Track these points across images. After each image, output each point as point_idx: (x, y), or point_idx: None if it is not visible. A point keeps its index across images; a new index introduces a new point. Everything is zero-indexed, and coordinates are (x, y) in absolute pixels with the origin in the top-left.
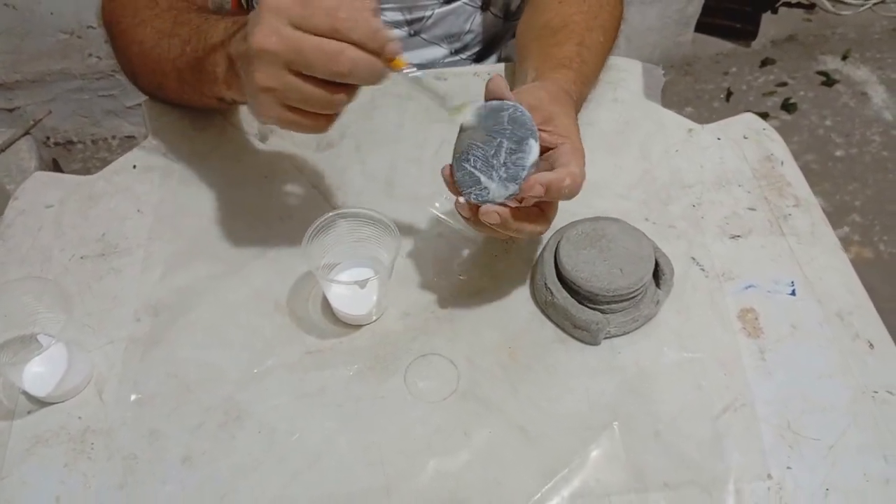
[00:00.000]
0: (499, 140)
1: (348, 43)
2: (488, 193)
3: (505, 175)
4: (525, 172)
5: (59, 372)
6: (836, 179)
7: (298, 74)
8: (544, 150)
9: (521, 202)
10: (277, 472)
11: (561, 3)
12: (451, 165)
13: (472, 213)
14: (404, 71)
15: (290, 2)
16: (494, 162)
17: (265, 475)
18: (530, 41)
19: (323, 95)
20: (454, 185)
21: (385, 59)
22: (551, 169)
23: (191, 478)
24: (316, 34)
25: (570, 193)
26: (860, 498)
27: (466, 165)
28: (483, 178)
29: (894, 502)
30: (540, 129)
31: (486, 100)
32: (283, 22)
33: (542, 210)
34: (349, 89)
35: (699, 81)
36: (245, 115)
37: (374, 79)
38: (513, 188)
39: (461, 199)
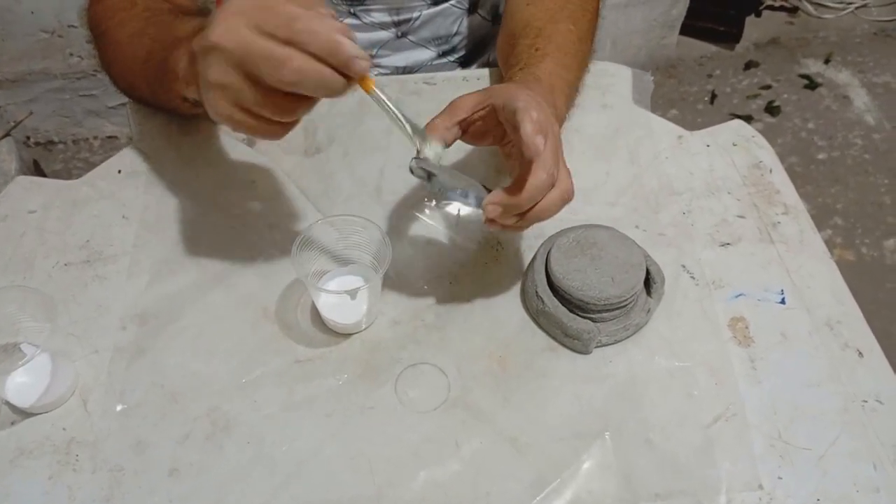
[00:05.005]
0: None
1: (305, 53)
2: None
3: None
4: None
5: (44, 382)
6: (819, 182)
7: (250, 77)
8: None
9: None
10: (266, 484)
11: (528, 4)
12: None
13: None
14: (374, 91)
15: (249, 4)
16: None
17: (253, 486)
18: (503, 54)
19: (272, 102)
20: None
21: (349, 76)
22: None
23: (178, 489)
24: (273, 40)
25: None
26: None
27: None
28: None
29: None
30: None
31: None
32: (242, 23)
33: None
34: (303, 99)
35: (683, 84)
36: None
37: (328, 92)
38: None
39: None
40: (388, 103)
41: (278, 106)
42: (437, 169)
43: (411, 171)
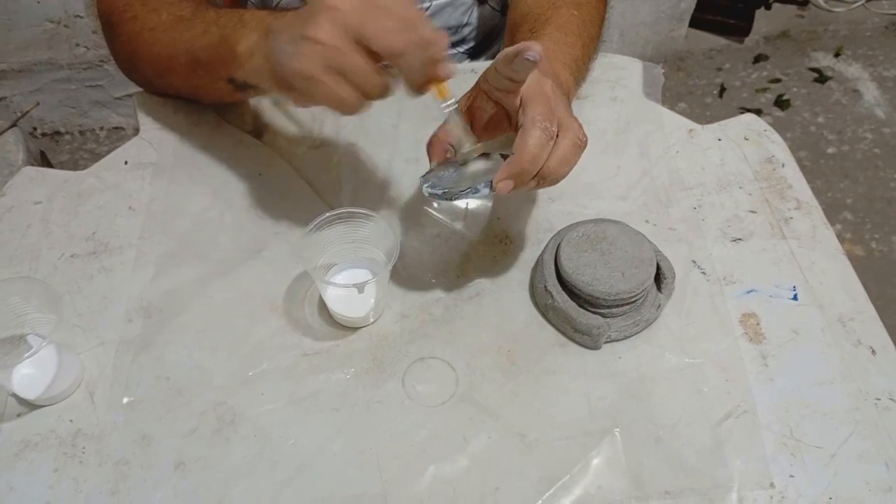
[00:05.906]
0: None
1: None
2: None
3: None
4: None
5: (49, 374)
6: (828, 177)
7: (356, 42)
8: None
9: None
10: (272, 479)
11: None
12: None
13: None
14: (443, 104)
15: None
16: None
17: (259, 482)
18: (507, 45)
19: (366, 67)
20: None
21: (432, 75)
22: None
23: (183, 484)
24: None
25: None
26: None
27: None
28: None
29: None
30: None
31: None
32: None
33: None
34: (387, 80)
35: (692, 77)
36: (240, 110)
37: (416, 76)
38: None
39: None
40: (455, 118)
41: (367, 77)
42: (445, 181)
43: (426, 194)
